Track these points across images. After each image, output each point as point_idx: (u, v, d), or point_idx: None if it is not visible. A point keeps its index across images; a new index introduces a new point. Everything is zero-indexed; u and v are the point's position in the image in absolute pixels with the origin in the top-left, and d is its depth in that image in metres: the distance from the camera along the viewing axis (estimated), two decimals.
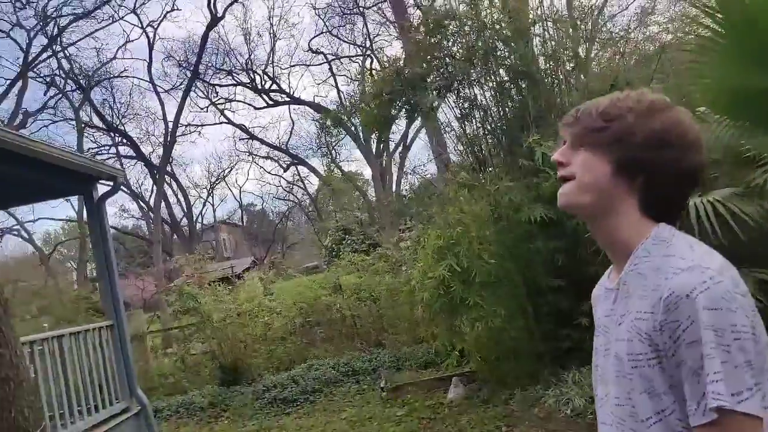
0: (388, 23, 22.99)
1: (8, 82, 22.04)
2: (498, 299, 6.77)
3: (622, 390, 1.04)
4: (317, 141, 28.32)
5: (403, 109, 6.90)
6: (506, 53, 8.07)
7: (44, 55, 23.04)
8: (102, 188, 6.57)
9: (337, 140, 22.99)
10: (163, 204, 25.89)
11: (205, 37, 24.11)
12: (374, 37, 25.97)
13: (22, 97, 22.38)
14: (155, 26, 24.91)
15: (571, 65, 8.54)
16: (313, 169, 30.51)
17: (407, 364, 8.41)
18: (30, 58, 22.34)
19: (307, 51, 27.66)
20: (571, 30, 8.58)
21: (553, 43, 8.28)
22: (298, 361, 9.76)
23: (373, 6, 24.48)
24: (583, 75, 8.66)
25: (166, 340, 14.05)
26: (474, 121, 8.50)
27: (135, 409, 6.22)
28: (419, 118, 8.82)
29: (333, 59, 27.58)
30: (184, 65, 25.64)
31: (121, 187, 27.09)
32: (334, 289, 11.48)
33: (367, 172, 27.71)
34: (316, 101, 28.06)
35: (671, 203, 1.10)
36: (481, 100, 8.37)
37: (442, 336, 7.60)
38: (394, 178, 26.84)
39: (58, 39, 22.63)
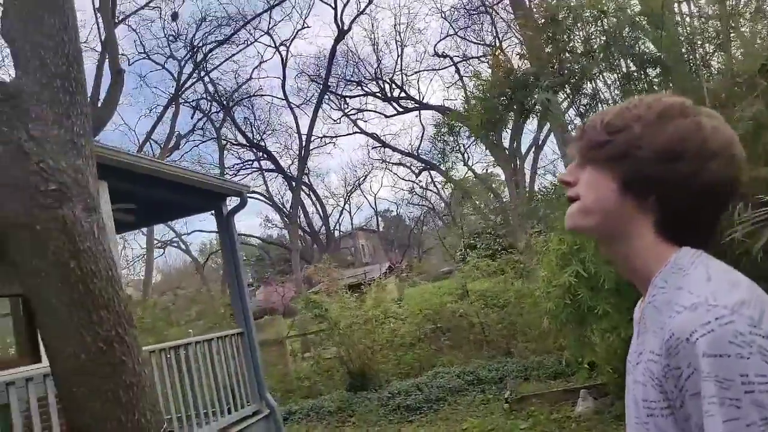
0: (515, 20, 22.39)
1: (161, 108, 24.62)
2: (631, 307, 6.27)
3: None
4: (434, 145, 28.31)
5: (513, 111, 6.62)
6: (631, 41, 7.49)
7: (191, 81, 25.41)
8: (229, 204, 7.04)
9: (455, 143, 22.71)
10: (302, 214, 27.32)
11: (333, 51, 25.17)
12: (503, 36, 25.44)
13: (175, 121, 24.88)
14: (287, 45, 26.47)
15: (713, 46, 7.73)
16: (444, 173, 30.52)
17: (535, 374, 8.06)
18: (180, 85, 24.75)
19: (433, 55, 27.80)
20: (715, 5, 7.75)
21: (690, 22, 7.54)
22: (427, 367, 9.75)
23: (497, 3, 23.97)
24: (727, 56, 7.80)
25: (304, 344, 14.73)
26: None
27: (265, 411, 6.57)
28: (540, 118, 8.42)
29: (460, 61, 27.43)
30: (315, 80, 26.92)
31: (264, 199, 29.10)
32: (461, 295, 11.35)
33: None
34: (445, 105, 28.13)
35: (694, 223, 0.92)
36: (604, 95, 7.84)
37: (571, 347, 7.19)
38: (527, 179, 26.01)
39: (203, 65, 24.87)
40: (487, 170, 22.16)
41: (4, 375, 4.25)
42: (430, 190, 36.31)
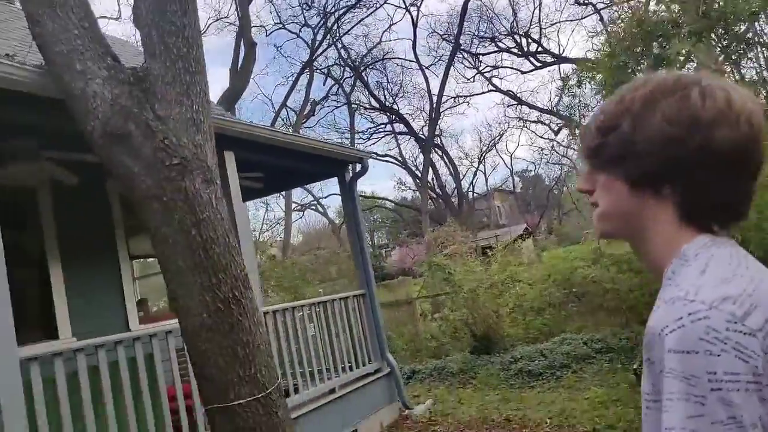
0: None
1: (294, 76, 25.70)
2: None
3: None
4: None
5: (645, 63, 6.01)
6: None
7: (323, 48, 26.17)
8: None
9: (600, 97, 21.31)
10: (433, 175, 27.38)
11: (465, 7, 24.56)
12: None
13: (309, 88, 25.86)
14: (417, 4, 26.27)
15: None
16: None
17: None
18: (313, 52, 25.60)
19: (574, 4, 26.14)
20: None
21: None
22: (556, 333, 9.51)
23: None
24: None
25: (434, 305, 14.96)
26: (755, 62, 7.08)
27: (386, 370, 6.84)
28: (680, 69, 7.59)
29: (604, 8, 25.51)
30: (447, 39, 26.51)
31: (397, 162, 29.48)
32: (595, 260, 10.83)
33: None
34: (587, 57, 26.42)
35: (718, 202, 0.86)
36: (766, 37, 6.92)
37: None
38: None
39: (335, 31, 25.47)
40: None
41: (149, 327, 4.82)
42: (572, 148, 34.66)
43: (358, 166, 7.22)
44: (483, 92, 32.46)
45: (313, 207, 33.64)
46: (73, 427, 3.66)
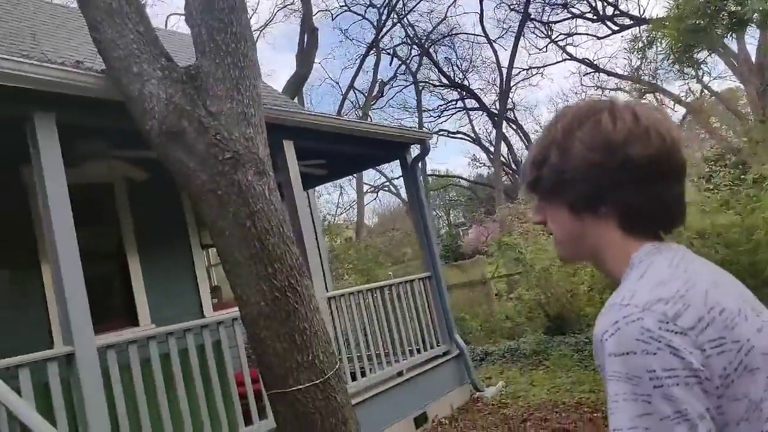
0: None
1: (360, 57, 25.67)
2: None
3: None
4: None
5: (720, 24, 5.50)
6: None
7: (387, 28, 25.98)
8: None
9: (688, 58, 19.88)
10: (507, 151, 26.75)
11: None
12: None
13: (377, 69, 25.82)
14: None
15: None
16: (671, 95, 27.23)
17: None
18: (379, 33, 25.47)
19: None
20: None
21: None
22: None
23: None
24: None
25: (510, 284, 14.71)
26: None
27: (455, 352, 6.81)
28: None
29: None
30: (515, 8, 25.64)
31: (469, 139, 28.93)
32: (678, 233, 10.25)
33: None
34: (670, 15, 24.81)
35: (652, 211, 0.90)
36: None
37: None
38: None
39: (400, 9, 25.18)
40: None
41: (218, 315, 5.02)
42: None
43: (422, 147, 7.18)
44: (557, 62, 31.34)
45: (386, 188, 33.83)
46: (148, 412, 3.88)
